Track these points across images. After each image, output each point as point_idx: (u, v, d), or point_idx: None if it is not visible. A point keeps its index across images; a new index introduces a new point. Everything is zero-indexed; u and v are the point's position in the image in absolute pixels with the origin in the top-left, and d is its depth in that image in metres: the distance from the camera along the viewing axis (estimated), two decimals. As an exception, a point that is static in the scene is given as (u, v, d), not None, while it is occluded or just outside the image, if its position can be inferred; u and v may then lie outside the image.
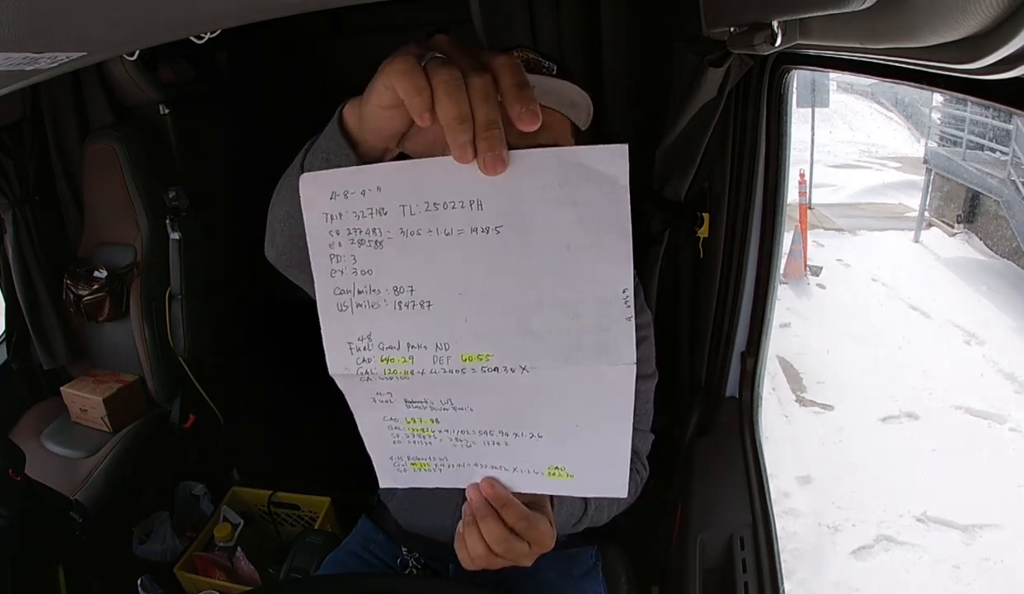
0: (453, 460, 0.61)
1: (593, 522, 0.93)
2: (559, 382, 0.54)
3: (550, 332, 0.52)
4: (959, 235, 7.61)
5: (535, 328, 0.52)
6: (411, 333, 0.54)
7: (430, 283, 0.52)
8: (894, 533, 3.27)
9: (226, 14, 0.62)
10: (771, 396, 4.35)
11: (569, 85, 0.88)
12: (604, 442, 0.57)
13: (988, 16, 0.37)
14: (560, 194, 0.49)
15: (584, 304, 0.51)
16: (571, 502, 0.83)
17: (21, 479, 1.24)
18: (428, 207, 0.50)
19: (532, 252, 0.50)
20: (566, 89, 0.88)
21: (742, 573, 1.09)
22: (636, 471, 1.02)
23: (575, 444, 0.58)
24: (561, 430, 0.57)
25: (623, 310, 0.51)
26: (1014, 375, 4.65)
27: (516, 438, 0.58)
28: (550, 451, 0.58)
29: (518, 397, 0.55)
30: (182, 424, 1.89)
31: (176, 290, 1.83)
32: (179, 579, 1.64)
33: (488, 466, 0.62)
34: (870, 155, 12.02)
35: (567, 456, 0.59)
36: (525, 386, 0.54)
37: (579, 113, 0.93)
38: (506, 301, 0.52)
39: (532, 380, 0.53)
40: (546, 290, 0.51)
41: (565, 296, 0.51)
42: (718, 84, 1.08)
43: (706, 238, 1.32)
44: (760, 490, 1.20)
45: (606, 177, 0.48)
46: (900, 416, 4.20)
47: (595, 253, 0.49)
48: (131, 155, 1.76)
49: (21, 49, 0.42)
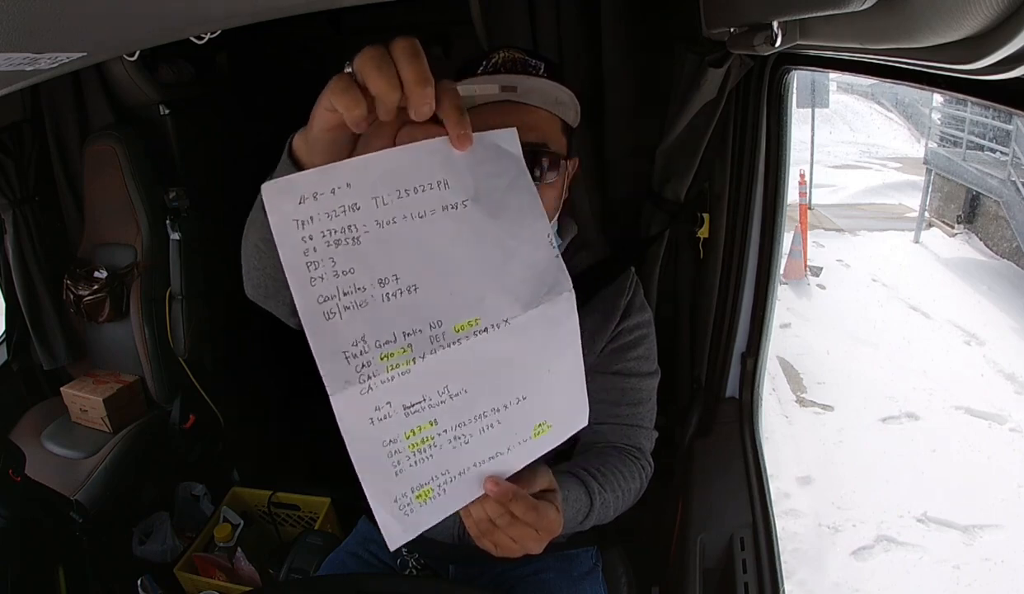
0: (454, 469, 0.61)
1: (599, 519, 0.92)
2: (531, 327, 0.60)
3: (516, 283, 0.59)
4: (959, 235, 7.61)
5: (506, 284, 0.58)
6: (404, 321, 0.55)
7: (413, 267, 0.55)
8: (894, 533, 3.27)
9: (227, 15, 0.62)
10: (771, 397, 4.35)
11: (554, 84, 0.89)
12: (567, 375, 0.65)
13: (988, 17, 0.37)
14: (492, 168, 0.58)
15: (530, 253, 0.60)
16: (576, 497, 0.83)
17: (21, 479, 1.24)
18: (400, 194, 0.53)
19: (491, 218, 0.57)
20: (551, 88, 0.89)
21: (742, 574, 1.09)
22: (642, 468, 1.02)
23: (549, 390, 0.64)
24: (538, 380, 0.63)
25: (552, 250, 0.61)
26: (1014, 375, 4.65)
27: (506, 410, 0.62)
28: (533, 409, 0.63)
29: (504, 358, 0.60)
30: (182, 425, 1.89)
31: (176, 291, 1.83)
32: (179, 580, 1.63)
33: (486, 460, 0.62)
34: (870, 155, 12.02)
35: (546, 406, 0.64)
36: (508, 343, 0.59)
37: (567, 111, 0.94)
38: (481, 266, 0.57)
39: (512, 333, 0.59)
40: (507, 249, 0.58)
41: (518, 249, 0.59)
42: (718, 84, 1.08)
43: (706, 238, 1.32)
44: (760, 491, 1.20)
45: (512, 154, 0.59)
46: (900, 416, 4.20)
47: (525, 210, 0.59)
48: (131, 155, 1.76)
49: (21, 49, 0.42)
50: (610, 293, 1.03)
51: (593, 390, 1.01)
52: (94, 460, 1.72)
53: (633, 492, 0.99)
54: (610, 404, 1.02)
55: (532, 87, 0.89)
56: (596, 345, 1.00)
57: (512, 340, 0.59)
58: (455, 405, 0.59)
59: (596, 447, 1.01)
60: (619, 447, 1.01)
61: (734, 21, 0.81)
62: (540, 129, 0.91)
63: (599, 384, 1.02)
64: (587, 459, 0.96)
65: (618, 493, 0.95)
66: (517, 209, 0.59)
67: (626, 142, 1.38)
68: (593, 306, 1.01)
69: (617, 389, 1.01)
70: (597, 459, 0.96)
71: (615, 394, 1.01)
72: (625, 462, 0.99)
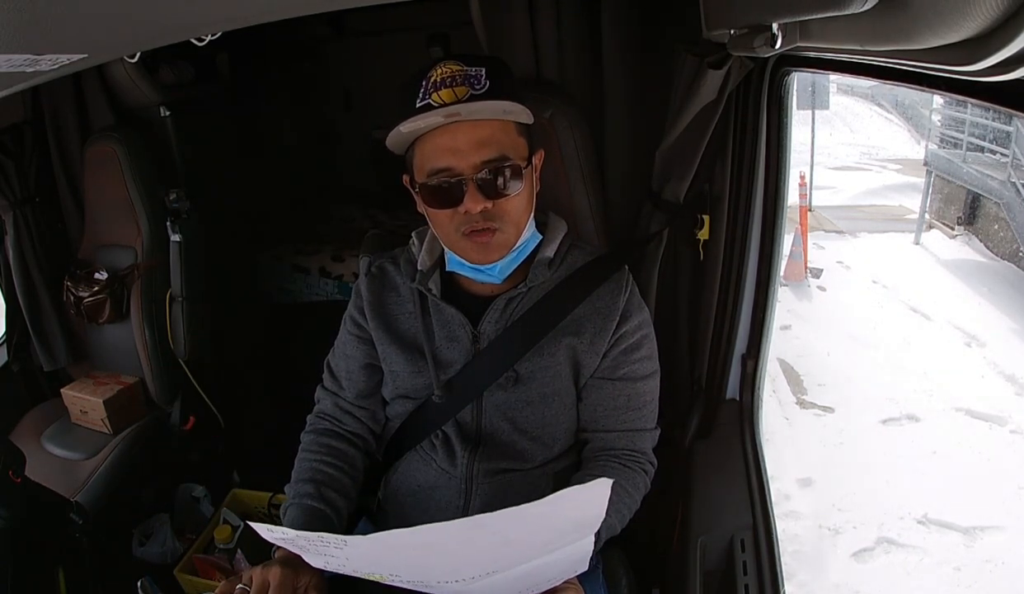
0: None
1: (607, 536, 0.95)
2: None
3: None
4: (959, 237, 7.60)
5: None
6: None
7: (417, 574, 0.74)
8: (895, 535, 3.27)
9: (227, 17, 0.62)
10: (771, 398, 4.34)
11: (496, 103, 0.90)
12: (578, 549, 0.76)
13: (988, 18, 0.37)
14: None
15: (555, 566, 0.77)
16: None
17: (21, 481, 1.24)
18: None
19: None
20: (494, 105, 0.90)
21: (743, 575, 1.09)
22: (645, 472, 1.04)
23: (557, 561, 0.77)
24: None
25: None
26: (1015, 377, 4.64)
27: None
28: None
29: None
30: (182, 426, 1.89)
31: (176, 292, 1.83)
32: (179, 581, 1.63)
33: None
34: (870, 157, 12.02)
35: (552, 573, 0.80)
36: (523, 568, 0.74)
37: (518, 115, 0.94)
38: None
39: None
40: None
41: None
42: (718, 86, 1.08)
43: (706, 240, 1.31)
44: (761, 492, 1.20)
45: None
46: (901, 418, 4.20)
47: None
48: (132, 157, 1.76)
49: (22, 51, 0.42)
50: (607, 292, 1.03)
51: (598, 397, 1.02)
52: (94, 461, 1.72)
53: (637, 500, 1.02)
54: (615, 410, 1.02)
55: (475, 109, 0.90)
56: (597, 347, 1.01)
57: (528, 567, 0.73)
58: None
59: (601, 456, 1.02)
60: (623, 456, 1.02)
61: (734, 23, 0.81)
62: (494, 142, 0.92)
63: (604, 391, 1.02)
64: (592, 477, 0.98)
65: (623, 512, 0.99)
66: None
67: (626, 143, 1.37)
68: (590, 306, 1.01)
69: (623, 395, 1.02)
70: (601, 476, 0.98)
71: (620, 400, 1.02)
72: (629, 475, 1.01)
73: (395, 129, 0.92)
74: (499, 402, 1.01)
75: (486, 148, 0.91)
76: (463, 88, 0.90)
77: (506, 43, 1.33)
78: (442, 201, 0.93)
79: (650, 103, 1.31)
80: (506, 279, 1.02)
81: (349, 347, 1.10)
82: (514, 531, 0.66)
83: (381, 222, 2.62)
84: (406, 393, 1.06)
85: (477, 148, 0.91)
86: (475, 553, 0.69)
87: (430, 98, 0.90)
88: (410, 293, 1.06)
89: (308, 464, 1.05)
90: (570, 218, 1.21)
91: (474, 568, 0.70)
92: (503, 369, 0.99)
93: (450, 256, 1.03)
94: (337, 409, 1.11)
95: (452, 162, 0.91)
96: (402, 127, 0.91)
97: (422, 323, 1.03)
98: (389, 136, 0.95)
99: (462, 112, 0.89)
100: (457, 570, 0.70)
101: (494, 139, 0.92)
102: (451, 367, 1.02)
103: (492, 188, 0.92)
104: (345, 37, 2.63)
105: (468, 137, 0.90)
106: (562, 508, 0.65)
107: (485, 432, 1.02)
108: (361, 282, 1.10)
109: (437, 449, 1.03)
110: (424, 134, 0.93)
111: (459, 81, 0.90)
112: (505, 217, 0.94)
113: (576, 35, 1.33)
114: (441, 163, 0.92)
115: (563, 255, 1.05)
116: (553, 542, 0.71)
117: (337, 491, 1.02)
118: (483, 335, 1.01)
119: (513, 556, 0.70)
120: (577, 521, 0.69)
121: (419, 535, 0.63)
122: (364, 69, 2.66)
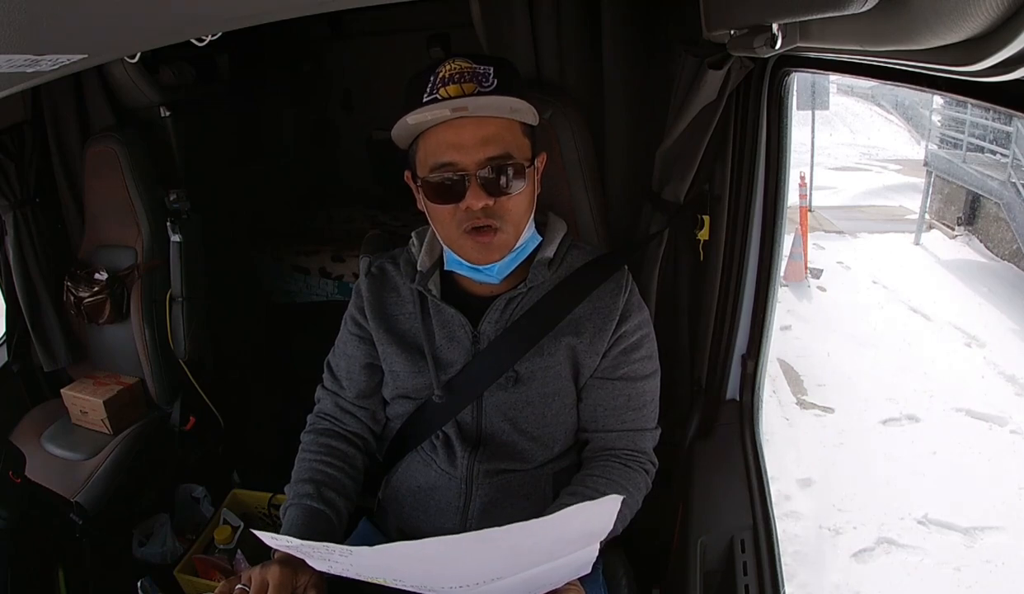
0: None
1: (611, 533, 0.95)
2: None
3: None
4: (959, 237, 7.60)
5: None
6: None
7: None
8: (895, 536, 3.27)
9: (227, 17, 0.62)
10: (772, 399, 4.34)
11: (504, 99, 0.90)
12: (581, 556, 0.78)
13: (988, 19, 0.37)
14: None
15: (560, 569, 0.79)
16: None
17: (21, 481, 1.24)
18: None
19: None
20: (502, 102, 0.90)
21: (743, 576, 1.09)
22: (646, 471, 1.04)
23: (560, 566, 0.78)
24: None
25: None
26: (1015, 377, 4.64)
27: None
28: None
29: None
30: (182, 426, 1.89)
31: (177, 292, 1.83)
32: (179, 581, 1.63)
33: None
34: (870, 157, 12.02)
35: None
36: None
37: (524, 115, 0.95)
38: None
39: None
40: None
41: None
42: (718, 86, 1.08)
43: (706, 240, 1.32)
44: (761, 493, 1.20)
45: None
46: (901, 418, 4.20)
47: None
48: (132, 157, 1.76)
49: (22, 51, 0.42)
50: (606, 292, 1.03)
51: (598, 397, 1.02)
52: (94, 462, 1.72)
53: (638, 500, 1.02)
54: (615, 410, 1.02)
55: (483, 104, 0.90)
56: (597, 347, 1.01)
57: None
58: None
59: (602, 456, 1.02)
60: (624, 456, 1.02)
61: (734, 23, 0.81)
62: (499, 140, 0.92)
63: (604, 391, 1.02)
64: (593, 478, 0.98)
65: (624, 512, 0.99)
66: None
67: (626, 143, 1.38)
68: (590, 306, 1.01)
69: (623, 395, 1.02)
70: (603, 478, 0.98)
71: (620, 399, 1.02)
72: (629, 475, 1.01)
73: (401, 120, 0.92)
74: (499, 402, 1.01)
75: (491, 145, 0.91)
76: (471, 84, 0.90)
77: (506, 44, 1.33)
78: (444, 196, 0.94)
79: (650, 104, 1.31)
80: (505, 279, 1.02)
81: (350, 347, 1.10)
82: (522, 544, 0.67)
83: (381, 222, 2.62)
84: (406, 393, 1.06)
85: (482, 145, 0.91)
86: (481, 563, 0.69)
87: (438, 92, 0.91)
88: (410, 293, 1.06)
89: (308, 464, 1.04)
90: (570, 218, 1.21)
91: (479, 575, 0.70)
92: (503, 369, 0.99)
93: (449, 255, 1.03)
94: (337, 409, 1.11)
95: (456, 157, 0.91)
96: (408, 118, 0.91)
97: (422, 323, 1.03)
98: (395, 127, 0.95)
99: (469, 106, 0.89)
100: (462, 577, 0.71)
101: (499, 137, 0.92)
102: (451, 367, 1.02)
103: (495, 185, 0.92)
104: (345, 38, 2.63)
105: (473, 133, 0.91)
106: (571, 522, 0.65)
107: (485, 432, 1.02)
108: (361, 282, 1.10)
109: (437, 449, 1.03)
110: (429, 129, 0.93)
111: (467, 78, 0.91)
112: (506, 216, 0.95)
113: (576, 36, 1.33)
114: (445, 158, 0.92)
115: (563, 255, 1.05)
116: (559, 552, 0.71)
117: (337, 491, 1.02)
118: (483, 335, 1.01)
119: (518, 564, 0.71)
120: (584, 533, 0.70)
121: (427, 548, 0.63)
122: (364, 69, 2.66)
